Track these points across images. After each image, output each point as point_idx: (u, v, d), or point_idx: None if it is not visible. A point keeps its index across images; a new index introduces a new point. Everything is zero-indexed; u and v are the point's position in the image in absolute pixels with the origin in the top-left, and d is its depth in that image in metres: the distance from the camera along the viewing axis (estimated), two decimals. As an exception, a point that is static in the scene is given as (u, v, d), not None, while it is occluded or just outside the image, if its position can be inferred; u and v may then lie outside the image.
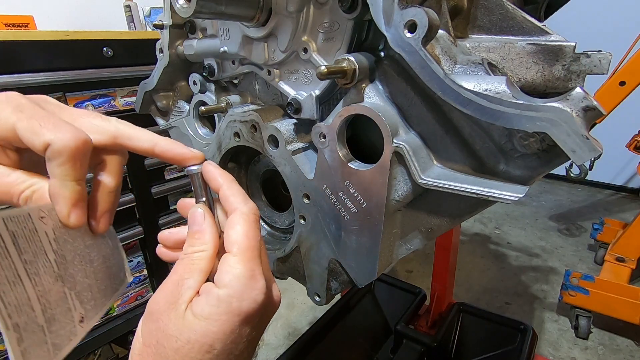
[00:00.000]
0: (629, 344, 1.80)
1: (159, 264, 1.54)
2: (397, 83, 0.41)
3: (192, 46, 0.61)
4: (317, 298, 0.56)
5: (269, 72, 0.52)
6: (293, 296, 2.09)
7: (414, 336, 1.35)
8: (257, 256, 0.33)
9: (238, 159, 0.64)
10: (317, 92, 0.47)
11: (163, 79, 0.66)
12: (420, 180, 0.38)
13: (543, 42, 0.43)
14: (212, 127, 0.68)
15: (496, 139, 0.36)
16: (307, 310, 2.02)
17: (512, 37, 0.45)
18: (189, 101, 0.68)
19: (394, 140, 0.38)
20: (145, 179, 1.44)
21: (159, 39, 0.63)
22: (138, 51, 1.32)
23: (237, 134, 0.55)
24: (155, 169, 1.45)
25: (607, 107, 1.69)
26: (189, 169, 0.36)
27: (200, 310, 0.30)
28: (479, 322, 1.43)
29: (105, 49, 1.24)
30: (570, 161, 0.31)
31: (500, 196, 0.34)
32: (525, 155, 0.35)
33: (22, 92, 0.32)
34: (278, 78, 0.52)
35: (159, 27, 0.62)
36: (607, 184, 3.55)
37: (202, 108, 0.59)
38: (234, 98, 0.61)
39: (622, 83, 1.69)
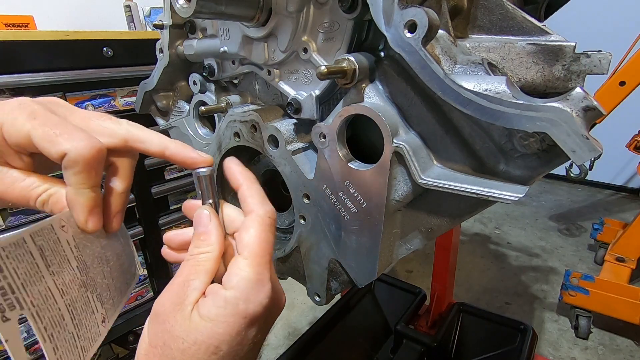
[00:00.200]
0: (629, 344, 1.80)
1: (159, 264, 1.54)
2: (397, 83, 0.41)
3: (192, 46, 0.61)
4: (317, 298, 0.56)
5: (269, 72, 0.52)
6: (293, 296, 2.08)
7: (414, 336, 1.35)
8: (268, 261, 0.33)
9: (238, 159, 0.63)
10: (317, 92, 0.47)
11: (163, 79, 0.66)
12: (420, 180, 0.38)
13: (543, 42, 0.43)
14: (212, 127, 0.68)
15: (496, 139, 0.36)
16: (307, 310, 2.02)
17: (512, 37, 0.45)
18: (189, 101, 0.68)
19: (394, 140, 0.38)
20: (145, 179, 1.44)
21: (159, 39, 0.63)
22: (138, 51, 1.32)
23: (237, 134, 0.55)
24: (155, 169, 1.45)
25: (607, 107, 1.69)
26: (198, 171, 0.36)
27: (206, 312, 0.30)
28: (479, 322, 1.43)
29: (105, 49, 1.24)
30: (570, 161, 0.31)
31: (500, 196, 0.34)
32: (525, 155, 0.35)
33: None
34: (278, 78, 0.52)
35: (159, 27, 0.62)
36: (607, 184, 3.55)
37: (202, 108, 0.59)
38: (234, 98, 0.61)
39: (622, 83, 1.69)
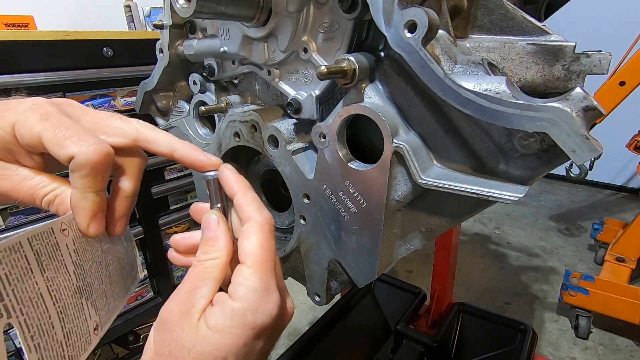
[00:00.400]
0: (629, 344, 1.80)
1: (159, 264, 1.55)
2: (397, 83, 0.41)
3: (192, 46, 0.61)
4: (317, 298, 0.56)
5: (269, 72, 0.52)
6: (293, 296, 2.05)
7: (414, 336, 1.35)
8: (272, 268, 0.32)
9: (238, 159, 0.64)
10: (317, 92, 0.47)
11: (163, 79, 0.66)
12: (420, 180, 0.38)
13: (543, 42, 0.43)
14: (212, 127, 0.68)
15: (496, 139, 0.36)
16: (307, 310, 2.02)
17: (512, 37, 0.45)
18: (189, 101, 0.68)
19: (394, 140, 0.38)
20: (145, 179, 1.43)
21: (159, 39, 0.63)
22: (138, 51, 1.32)
23: (237, 134, 0.55)
24: (155, 169, 1.45)
25: (607, 107, 1.69)
26: (206, 174, 0.36)
27: (214, 322, 0.29)
28: (479, 322, 1.43)
29: (105, 49, 1.24)
30: (570, 161, 0.31)
31: (500, 196, 0.34)
32: (525, 155, 0.35)
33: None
34: (278, 78, 0.52)
35: (159, 27, 0.62)
36: (607, 184, 3.55)
37: (202, 108, 0.59)
38: (234, 98, 0.61)
39: (622, 83, 1.69)
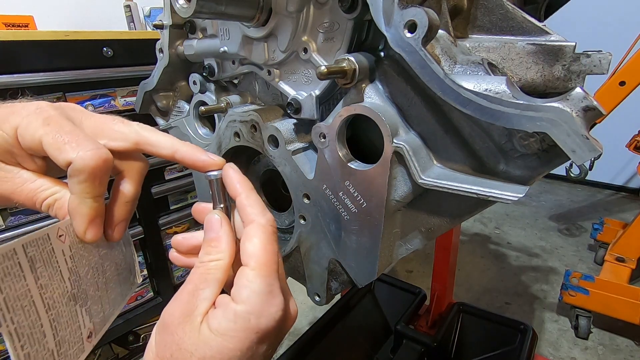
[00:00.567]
0: (629, 344, 1.80)
1: (159, 264, 1.54)
2: (397, 83, 0.41)
3: (192, 46, 0.61)
4: (317, 298, 0.56)
5: (269, 72, 0.52)
6: (293, 296, 2.08)
7: (414, 336, 1.35)
8: (275, 270, 0.32)
9: (238, 159, 0.64)
10: (317, 92, 0.47)
11: (163, 79, 0.66)
12: (420, 180, 0.38)
13: (543, 42, 0.43)
14: (212, 127, 0.68)
15: (496, 139, 0.36)
16: (307, 310, 2.02)
17: (512, 37, 0.45)
18: (189, 101, 0.68)
19: (394, 140, 0.38)
20: (145, 179, 1.43)
21: (159, 39, 0.63)
22: (138, 51, 1.32)
23: (237, 134, 0.55)
24: (155, 169, 1.45)
25: (607, 107, 1.69)
26: (209, 174, 0.35)
27: (217, 325, 0.29)
28: (479, 322, 1.43)
29: (105, 49, 1.24)
30: (570, 161, 0.31)
31: (500, 196, 0.34)
32: (525, 155, 0.35)
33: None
34: (278, 78, 0.52)
35: (159, 27, 0.62)
36: (607, 184, 3.55)
37: (202, 108, 0.59)
38: (234, 98, 0.61)
39: (622, 83, 1.69)
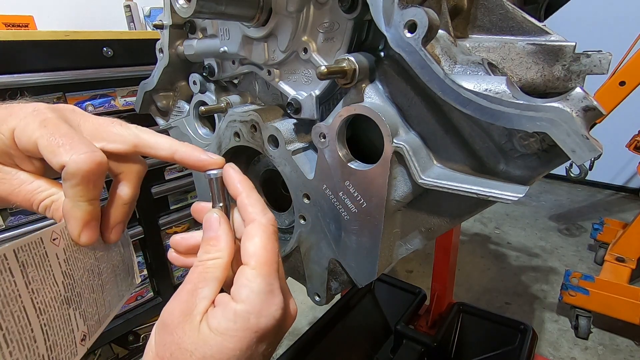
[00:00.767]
0: (629, 344, 1.80)
1: (159, 264, 1.54)
2: (397, 83, 0.41)
3: (192, 46, 0.61)
4: (317, 298, 0.56)
5: (269, 72, 0.52)
6: (293, 296, 2.08)
7: (414, 336, 1.35)
8: (276, 270, 0.32)
9: (238, 159, 0.64)
10: (317, 92, 0.47)
11: (163, 79, 0.66)
12: (420, 180, 0.38)
13: (543, 42, 0.43)
14: (212, 127, 0.68)
15: (496, 139, 0.36)
16: (307, 310, 2.02)
17: (512, 37, 0.45)
18: (189, 101, 0.68)
19: (394, 140, 0.38)
20: (145, 179, 1.42)
21: (159, 39, 0.63)
22: (138, 51, 1.32)
23: (237, 134, 0.55)
24: (155, 169, 1.45)
25: (607, 107, 1.69)
26: (208, 173, 0.35)
27: (216, 324, 0.29)
28: (479, 322, 1.43)
29: (105, 49, 1.24)
30: (570, 161, 0.31)
31: (500, 196, 0.34)
32: (525, 155, 0.35)
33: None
34: (278, 78, 0.52)
35: (159, 27, 0.62)
36: (607, 184, 3.55)
37: (202, 108, 0.59)
38: (234, 98, 0.61)
39: (622, 83, 1.69)
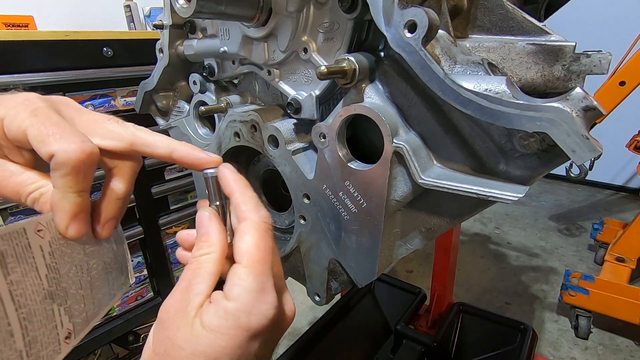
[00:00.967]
0: (629, 344, 1.80)
1: (159, 264, 1.55)
2: (397, 83, 0.41)
3: (192, 46, 0.61)
4: (317, 298, 0.56)
5: (269, 72, 0.52)
6: (293, 296, 2.06)
7: (414, 336, 1.35)
8: (269, 268, 0.31)
9: (238, 159, 0.64)
10: (317, 92, 0.47)
11: (163, 79, 0.66)
12: (420, 180, 0.38)
13: (543, 42, 0.43)
14: (212, 127, 0.68)
15: (496, 139, 0.36)
16: (307, 310, 2.02)
17: (512, 37, 0.45)
18: (189, 101, 0.68)
19: (394, 140, 0.38)
20: (145, 179, 1.44)
21: (159, 39, 0.63)
22: (138, 51, 1.32)
23: (237, 134, 0.55)
24: (155, 169, 1.45)
25: (607, 107, 1.69)
26: (205, 172, 0.35)
27: (208, 322, 0.29)
28: (479, 322, 1.43)
29: (105, 49, 1.24)
30: (570, 161, 0.31)
31: (500, 196, 0.34)
32: (525, 155, 0.35)
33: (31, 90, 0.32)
34: (278, 78, 0.52)
35: (159, 27, 0.62)
36: (607, 184, 3.55)
37: (202, 108, 0.59)
38: (234, 98, 0.61)
39: (622, 83, 1.69)
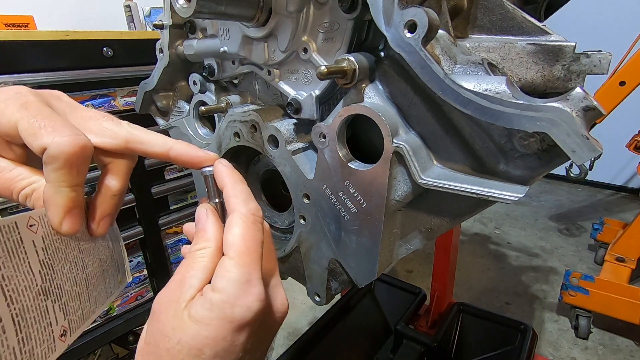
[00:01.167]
0: (629, 344, 1.80)
1: (158, 264, 1.54)
2: (397, 83, 0.41)
3: (192, 46, 0.61)
4: (317, 298, 0.56)
5: (269, 72, 0.52)
6: (293, 296, 2.08)
7: (414, 336, 1.35)
8: (256, 260, 0.31)
9: (238, 159, 0.64)
10: (317, 92, 0.47)
11: (163, 79, 0.66)
12: (420, 180, 0.38)
13: (543, 42, 0.43)
14: (212, 127, 0.68)
15: (496, 139, 0.36)
16: (307, 310, 2.02)
17: (512, 37, 0.45)
18: (189, 101, 0.68)
19: (394, 140, 0.38)
20: (145, 179, 1.44)
21: (159, 39, 0.63)
22: (138, 51, 1.32)
23: (237, 134, 0.55)
24: (155, 169, 1.45)
25: (607, 107, 1.69)
26: (203, 170, 0.35)
27: (194, 312, 0.29)
28: (479, 322, 1.43)
29: (105, 49, 1.24)
30: (570, 161, 0.31)
31: (500, 196, 0.34)
32: (525, 155, 0.35)
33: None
34: (278, 78, 0.52)
35: (159, 27, 0.62)
36: (607, 184, 3.55)
37: (202, 108, 0.59)
38: (234, 98, 0.61)
39: (622, 83, 1.69)
